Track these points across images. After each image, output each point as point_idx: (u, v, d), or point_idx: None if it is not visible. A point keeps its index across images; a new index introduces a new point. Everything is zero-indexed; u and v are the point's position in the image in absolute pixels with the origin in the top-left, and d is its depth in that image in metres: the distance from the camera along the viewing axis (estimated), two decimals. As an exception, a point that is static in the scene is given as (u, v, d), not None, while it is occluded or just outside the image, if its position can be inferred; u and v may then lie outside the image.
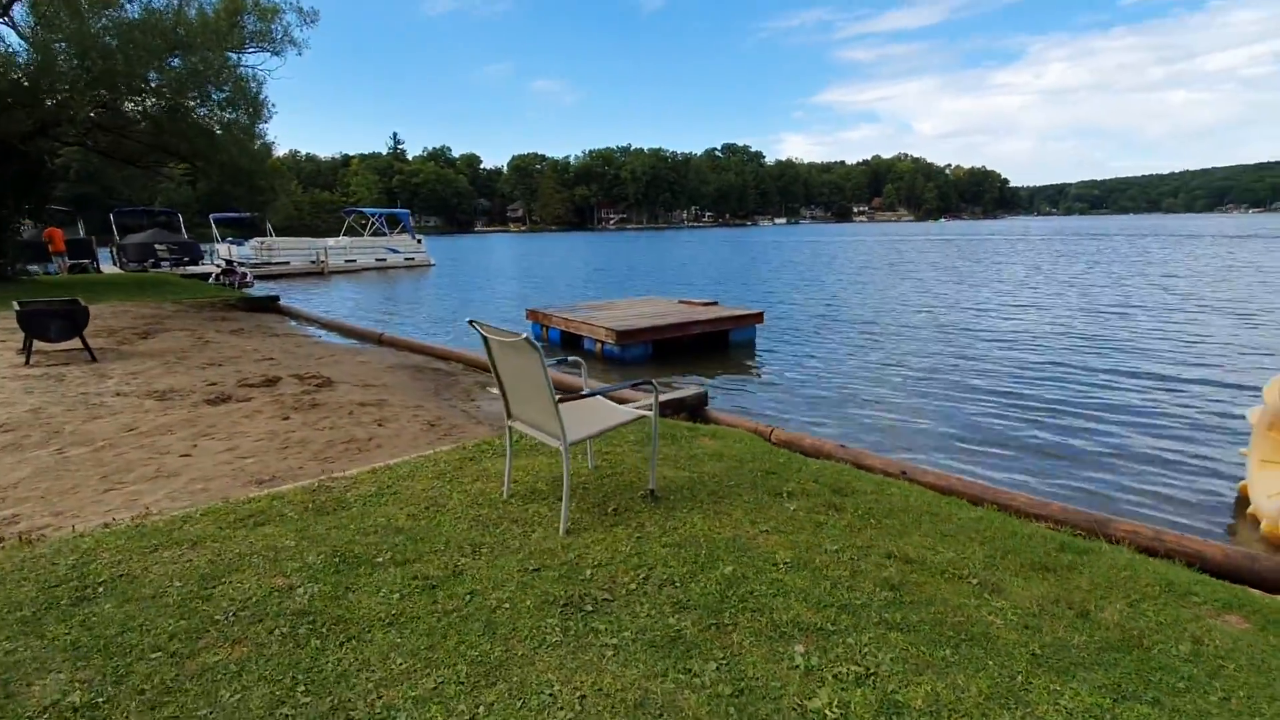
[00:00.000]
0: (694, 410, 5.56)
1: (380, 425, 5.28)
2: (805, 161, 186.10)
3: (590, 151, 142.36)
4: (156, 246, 22.86)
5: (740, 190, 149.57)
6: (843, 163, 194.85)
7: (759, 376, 8.28)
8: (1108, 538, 3.36)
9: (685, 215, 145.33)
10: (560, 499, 3.08)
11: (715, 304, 10.75)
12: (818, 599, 2.36)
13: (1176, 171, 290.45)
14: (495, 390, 3.16)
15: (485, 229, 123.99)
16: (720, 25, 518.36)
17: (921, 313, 13.36)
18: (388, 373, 7.66)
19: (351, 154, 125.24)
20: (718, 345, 9.77)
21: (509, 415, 3.18)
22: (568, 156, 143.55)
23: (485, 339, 2.97)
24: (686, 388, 5.72)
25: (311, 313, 13.64)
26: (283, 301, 15.09)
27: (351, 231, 31.48)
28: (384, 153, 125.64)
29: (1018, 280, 20.03)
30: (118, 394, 6.04)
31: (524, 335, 2.64)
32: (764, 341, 10.29)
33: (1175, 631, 2.24)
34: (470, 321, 2.98)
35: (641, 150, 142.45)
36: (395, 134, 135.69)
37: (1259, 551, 3.31)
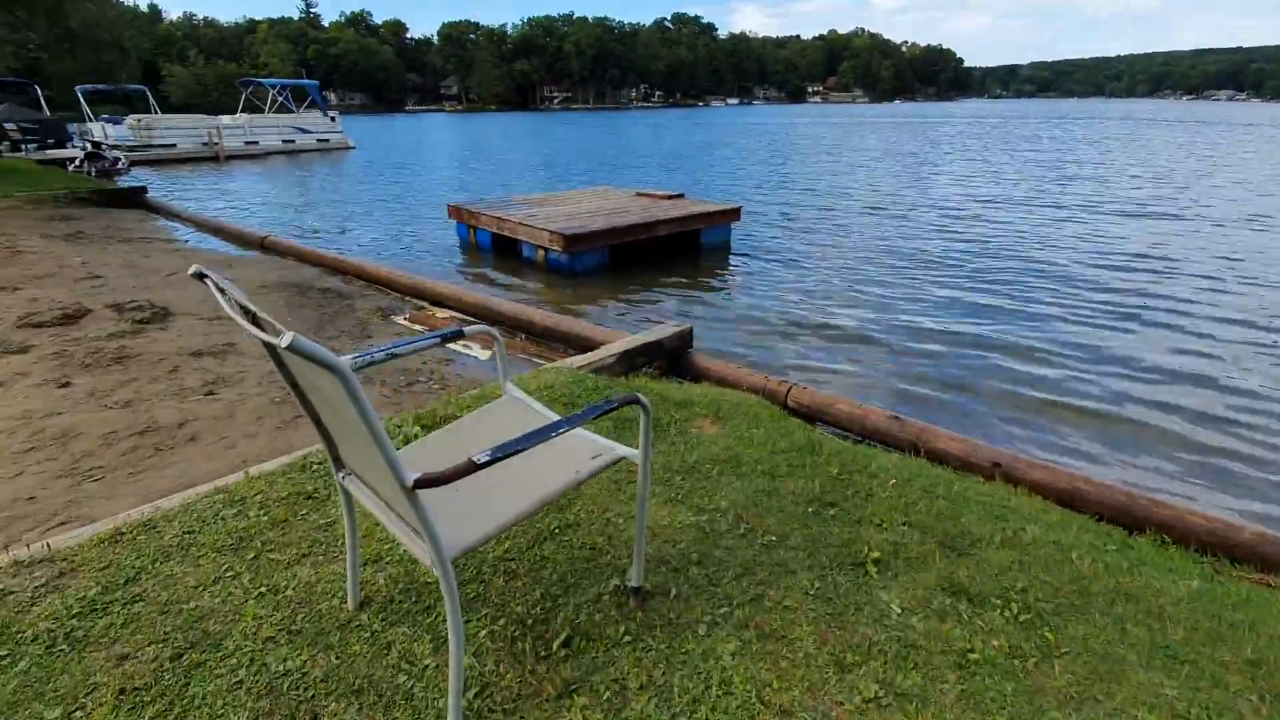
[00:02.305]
0: (674, 356, 4.00)
1: (211, 395, 3.54)
2: (760, 36, 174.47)
3: (529, 20, 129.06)
4: (6, 125, 18.87)
5: (692, 67, 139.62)
6: (798, 37, 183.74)
7: (743, 294, 6.63)
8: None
9: (634, 94, 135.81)
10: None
11: (681, 196, 8.91)
12: None
13: (1121, 55, 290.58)
14: (405, 320, 1.53)
15: (417, 108, 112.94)
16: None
17: (931, 211, 11.76)
18: (259, 295, 5.73)
19: (258, 18, 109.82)
20: (687, 249, 8.06)
21: (338, 467, 1.54)
22: (504, 25, 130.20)
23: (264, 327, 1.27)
24: (663, 325, 4.11)
25: (182, 209, 11.10)
26: (153, 195, 12.37)
27: (250, 108, 27.02)
28: (295, 17, 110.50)
29: (1031, 174, 18.55)
30: None
31: (288, 336, 0.96)
32: (741, 244, 8.60)
33: None
34: (198, 275, 1.25)
35: (585, 19, 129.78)
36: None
37: None
